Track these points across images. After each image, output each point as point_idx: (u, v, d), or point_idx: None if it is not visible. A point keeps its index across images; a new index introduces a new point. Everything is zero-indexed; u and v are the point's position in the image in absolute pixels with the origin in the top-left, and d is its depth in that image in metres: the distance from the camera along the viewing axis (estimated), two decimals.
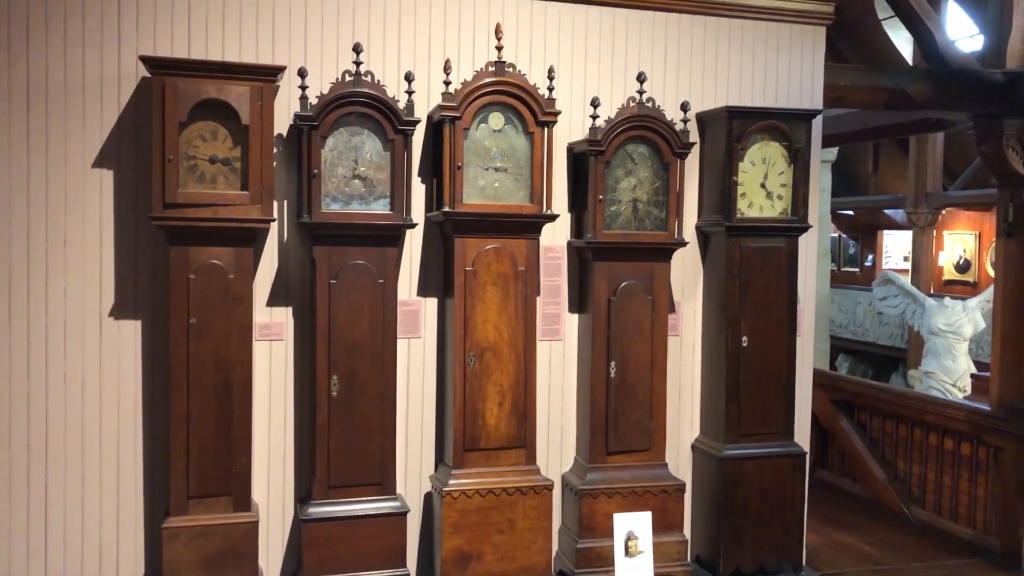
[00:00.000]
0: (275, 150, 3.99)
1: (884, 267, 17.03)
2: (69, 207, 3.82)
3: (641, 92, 4.25)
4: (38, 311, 3.80)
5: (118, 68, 3.84)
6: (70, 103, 3.80)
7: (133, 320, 3.92)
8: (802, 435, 4.81)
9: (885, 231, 17.59)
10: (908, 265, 15.10)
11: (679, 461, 4.70)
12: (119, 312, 3.89)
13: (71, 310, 3.84)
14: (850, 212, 17.36)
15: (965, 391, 9.85)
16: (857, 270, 18.27)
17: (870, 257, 18.10)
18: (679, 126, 4.31)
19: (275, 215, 3.94)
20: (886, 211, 16.13)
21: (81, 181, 3.83)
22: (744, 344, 4.49)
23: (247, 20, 3.98)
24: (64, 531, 3.85)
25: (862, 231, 18.04)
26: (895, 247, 17.74)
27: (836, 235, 18.03)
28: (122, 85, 3.85)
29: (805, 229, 4.58)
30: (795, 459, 4.59)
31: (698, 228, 4.69)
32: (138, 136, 3.85)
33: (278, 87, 3.96)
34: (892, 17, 12.34)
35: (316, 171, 3.83)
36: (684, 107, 4.33)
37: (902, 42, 12.68)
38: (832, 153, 10.81)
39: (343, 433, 3.93)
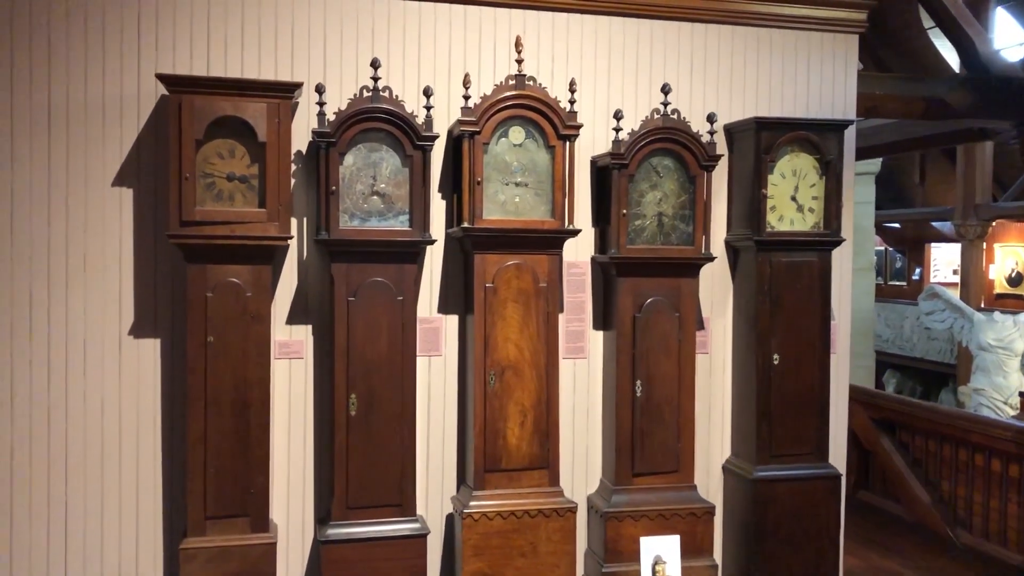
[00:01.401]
0: (294, 167, 3.97)
1: (932, 281, 16.62)
2: (89, 225, 3.83)
3: (666, 104, 4.15)
4: (58, 329, 3.80)
5: (137, 87, 3.85)
6: (90, 122, 3.81)
7: (152, 338, 3.91)
8: (837, 456, 4.64)
9: (933, 244, 17.18)
10: (957, 279, 14.71)
11: (709, 483, 4.56)
12: (138, 330, 3.89)
13: (91, 328, 3.84)
14: (896, 225, 16.99)
15: (1018, 409, 9.53)
16: (904, 284, 17.86)
17: (917, 271, 17.69)
18: (705, 138, 4.20)
19: (293, 232, 3.92)
20: (933, 223, 15.77)
21: (101, 199, 3.83)
22: (775, 362, 4.35)
23: (266, 37, 3.97)
24: (84, 551, 3.84)
25: (909, 244, 17.64)
26: (943, 260, 17.31)
27: (882, 248, 17.65)
28: (141, 104, 3.86)
29: (838, 243, 4.43)
30: (830, 481, 4.43)
31: (727, 243, 4.57)
32: (157, 154, 3.85)
33: (296, 103, 3.96)
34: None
35: (334, 188, 3.79)
36: (711, 118, 4.22)
37: (948, 51, 12.40)
38: (876, 164, 10.57)
39: (362, 453, 3.87)
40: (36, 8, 3.74)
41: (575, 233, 4.06)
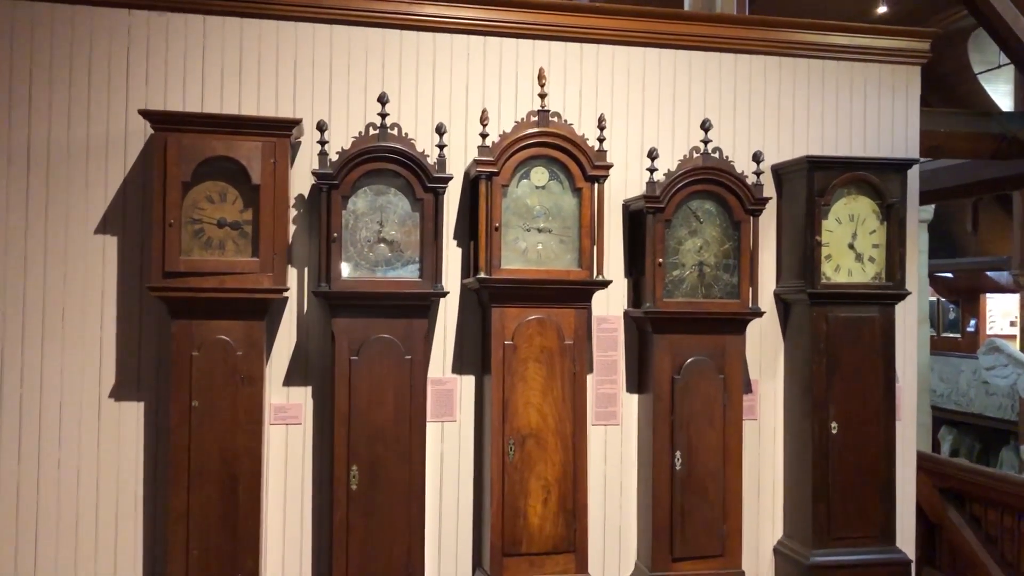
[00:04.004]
0: (295, 212, 3.62)
1: (988, 333, 15.93)
2: (69, 276, 3.49)
3: (706, 141, 3.73)
4: (32, 391, 3.45)
5: (125, 125, 3.53)
6: (72, 163, 3.49)
7: (135, 402, 3.53)
8: (906, 538, 4.10)
9: (988, 294, 16.48)
10: (1015, 330, 14.02)
11: (759, 568, 4.03)
12: (120, 393, 3.51)
13: (68, 390, 3.48)
14: (949, 274, 16.35)
15: None
16: (959, 336, 17.11)
17: (972, 322, 16.96)
18: (751, 179, 3.76)
19: (290, 284, 3.55)
20: (988, 273, 15.16)
21: (82, 248, 3.50)
22: (833, 431, 3.85)
23: (266, 71, 3.64)
24: None
25: (963, 295, 16.96)
26: (999, 311, 16.66)
27: (934, 299, 16.96)
28: (128, 144, 3.54)
29: (903, 296, 3.94)
30: (898, 568, 3.88)
31: (777, 295, 4.10)
32: (145, 199, 3.52)
33: (299, 143, 3.62)
34: (989, 70, 11.64)
35: (336, 235, 3.42)
36: (756, 157, 3.79)
37: (1001, 96, 11.87)
38: (928, 212, 10.05)
39: (364, 532, 3.43)
40: (17, 40, 3.45)
41: (605, 284, 3.63)
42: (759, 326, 4.01)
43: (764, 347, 4.09)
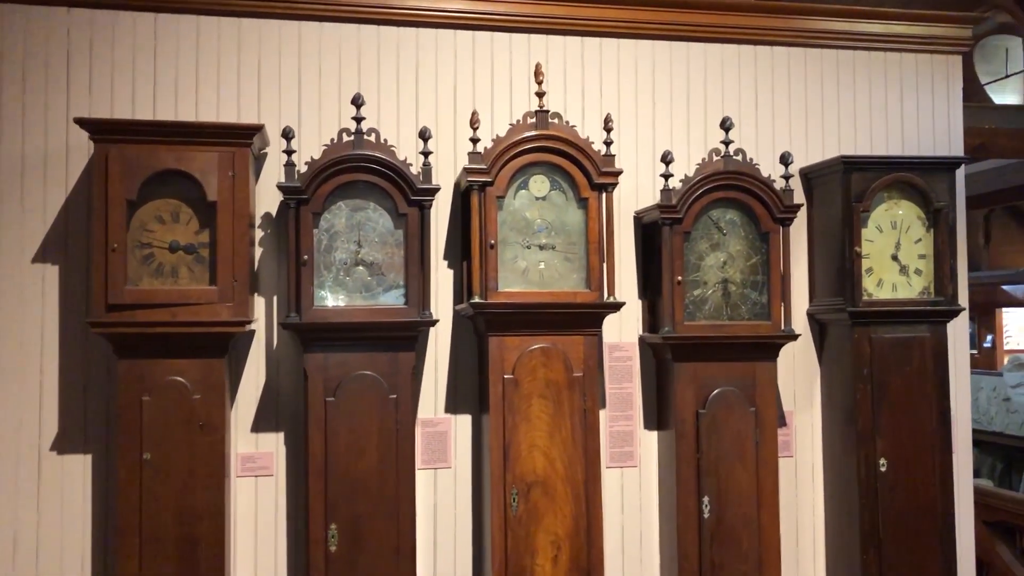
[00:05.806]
0: (262, 233, 3.19)
1: (1006, 348, 15.50)
2: (3, 311, 3.06)
3: (727, 142, 3.29)
4: None
5: (65, 139, 3.11)
6: (5, 183, 3.07)
7: (81, 455, 3.09)
8: None
9: (1004, 309, 16.05)
10: None
11: None
12: (63, 445, 3.07)
13: (3, 442, 3.03)
14: None
15: None
16: (975, 352, 16.64)
17: (989, 338, 16.50)
18: (779, 184, 3.32)
19: (256, 315, 3.10)
20: (1004, 287, 14.73)
21: (18, 279, 3.09)
22: (882, 468, 3.38)
23: (226, 77, 3.23)
24: None
25: (978, 310, 16.50)
26: (1016, 326, 16.21)
27: None
28: (70, 160, 3.11)
29: (955, 313, 3.49)
30: None
31: (810, 315, 3.64)
32: (89, 222, 3.07)
33: (265, 154, 3.22)
34: (995, 81, 11.30)
35: (306, 257, 2.97)
36: (784, 159, 3.35)
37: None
38: None
39: None
40: None
41: (617, 307, 3.17)
42: (792, 351, 3.56)
43: (799, 374, 3.63)
